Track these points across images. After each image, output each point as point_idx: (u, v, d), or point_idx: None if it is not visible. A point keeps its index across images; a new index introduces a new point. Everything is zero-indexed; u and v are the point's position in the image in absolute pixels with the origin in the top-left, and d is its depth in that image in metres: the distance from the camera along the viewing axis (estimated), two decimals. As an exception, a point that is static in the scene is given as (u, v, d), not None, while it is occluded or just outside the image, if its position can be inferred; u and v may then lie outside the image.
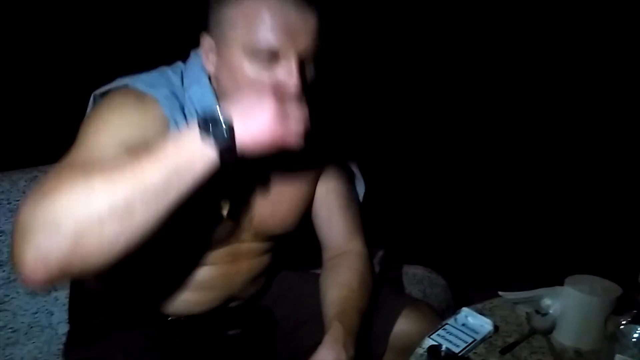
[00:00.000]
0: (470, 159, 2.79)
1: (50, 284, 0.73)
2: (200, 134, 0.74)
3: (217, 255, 1.02)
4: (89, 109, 0.97)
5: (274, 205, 1.04)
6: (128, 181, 0.71)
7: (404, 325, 1.08)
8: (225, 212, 0.95)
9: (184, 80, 0.95)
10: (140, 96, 0.89)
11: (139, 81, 0.92)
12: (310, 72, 0.88)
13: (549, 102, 2.80)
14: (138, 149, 0.76)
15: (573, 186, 2.62)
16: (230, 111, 0.75)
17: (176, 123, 0.89)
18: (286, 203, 1.07)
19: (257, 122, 0.75)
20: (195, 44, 0.95)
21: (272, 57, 0.85)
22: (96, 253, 0.72)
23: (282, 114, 0.76)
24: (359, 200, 1.20)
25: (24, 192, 1.15)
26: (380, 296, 1.13)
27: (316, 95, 0.89)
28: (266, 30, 0.84)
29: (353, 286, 1.08)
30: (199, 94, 0.93)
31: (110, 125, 0.86)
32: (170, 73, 0.96)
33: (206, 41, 0.91)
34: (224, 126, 0.73)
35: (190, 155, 0.74)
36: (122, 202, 0.71)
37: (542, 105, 2.81)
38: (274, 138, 0.76)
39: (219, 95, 0.93)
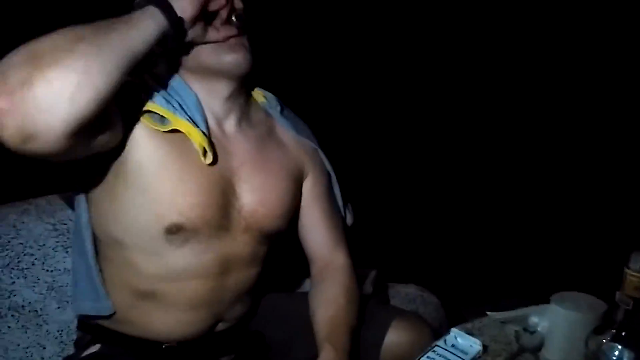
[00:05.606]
0: (457, 179, 2.81)
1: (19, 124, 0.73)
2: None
3: (206, 265, 1.02)
4: None
5: (261, 193, 1.06)
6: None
7: (394, 336, 1.09)
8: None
9: None
10: None
11: None
12: None
13: (536, 119, 2.83)
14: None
15: (560, 203, 2.64)
16: None
17: None
18: (273, 192, 1.08)
19: None
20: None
21: None
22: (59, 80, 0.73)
23: None
24: (340, 209, 1.23)
25: (14, 227, 1.16)
26: (369, 310, 1.14)
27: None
28: None
29: (340, 302, 1.10)
30: None
31: None
32: None
33: None
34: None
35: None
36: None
37: (530, 122, 2.83)
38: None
39: None
